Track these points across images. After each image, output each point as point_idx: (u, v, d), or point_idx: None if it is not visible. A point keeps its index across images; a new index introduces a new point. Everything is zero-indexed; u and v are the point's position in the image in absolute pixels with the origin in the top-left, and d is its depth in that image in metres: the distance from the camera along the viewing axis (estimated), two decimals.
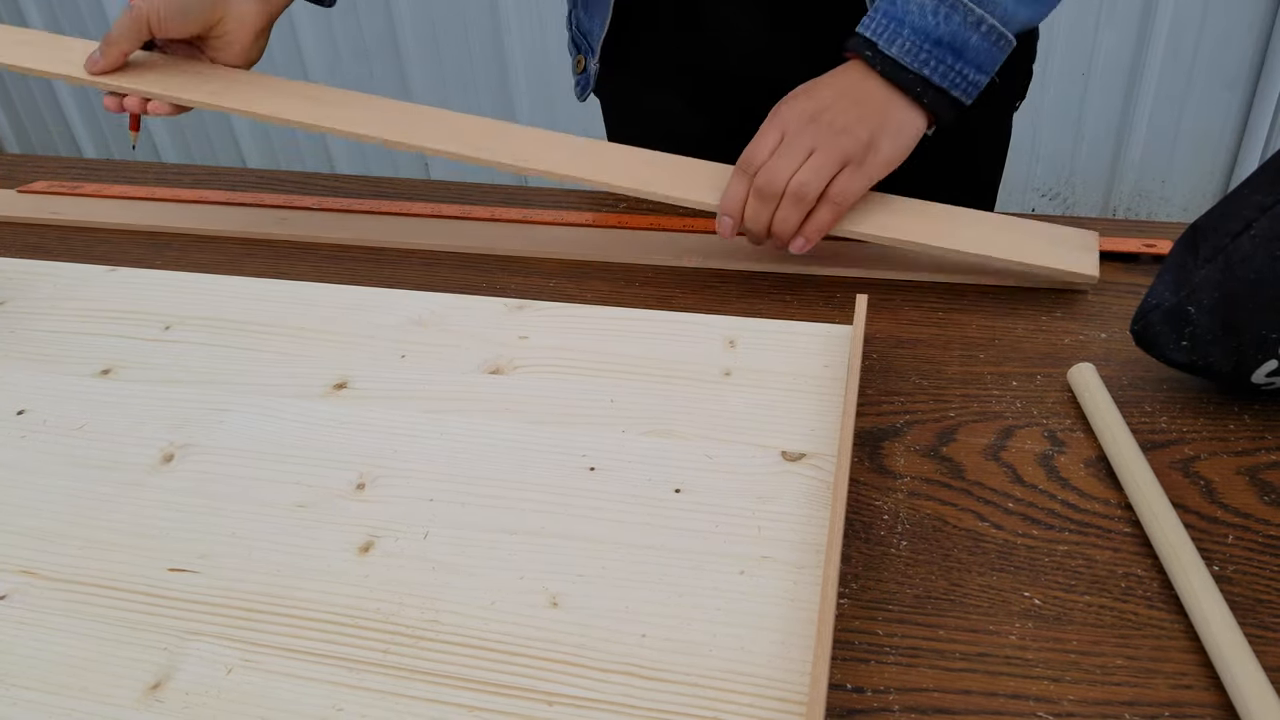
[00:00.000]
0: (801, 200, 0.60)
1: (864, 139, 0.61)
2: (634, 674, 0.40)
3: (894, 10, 0.62)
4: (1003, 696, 0.40)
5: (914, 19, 0.61)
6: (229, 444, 0.53)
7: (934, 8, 0.61)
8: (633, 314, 0.62)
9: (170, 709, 0.40)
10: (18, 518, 0.49)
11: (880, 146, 0.62)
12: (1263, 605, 0.43)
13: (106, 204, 0.82)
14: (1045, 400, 0.55)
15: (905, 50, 0.62)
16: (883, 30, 0.62)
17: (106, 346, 0.62)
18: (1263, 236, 0.48)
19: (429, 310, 0.63)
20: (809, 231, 0.61)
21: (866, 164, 0.61)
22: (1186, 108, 1.83)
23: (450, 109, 0.71)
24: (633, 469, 0.50)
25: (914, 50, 0.62)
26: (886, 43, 0.62)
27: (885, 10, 0.62)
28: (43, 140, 2.54)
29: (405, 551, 0.46)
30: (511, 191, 0.82)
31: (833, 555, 0.42)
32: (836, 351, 0.58)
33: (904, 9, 0.61)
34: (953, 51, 0.62)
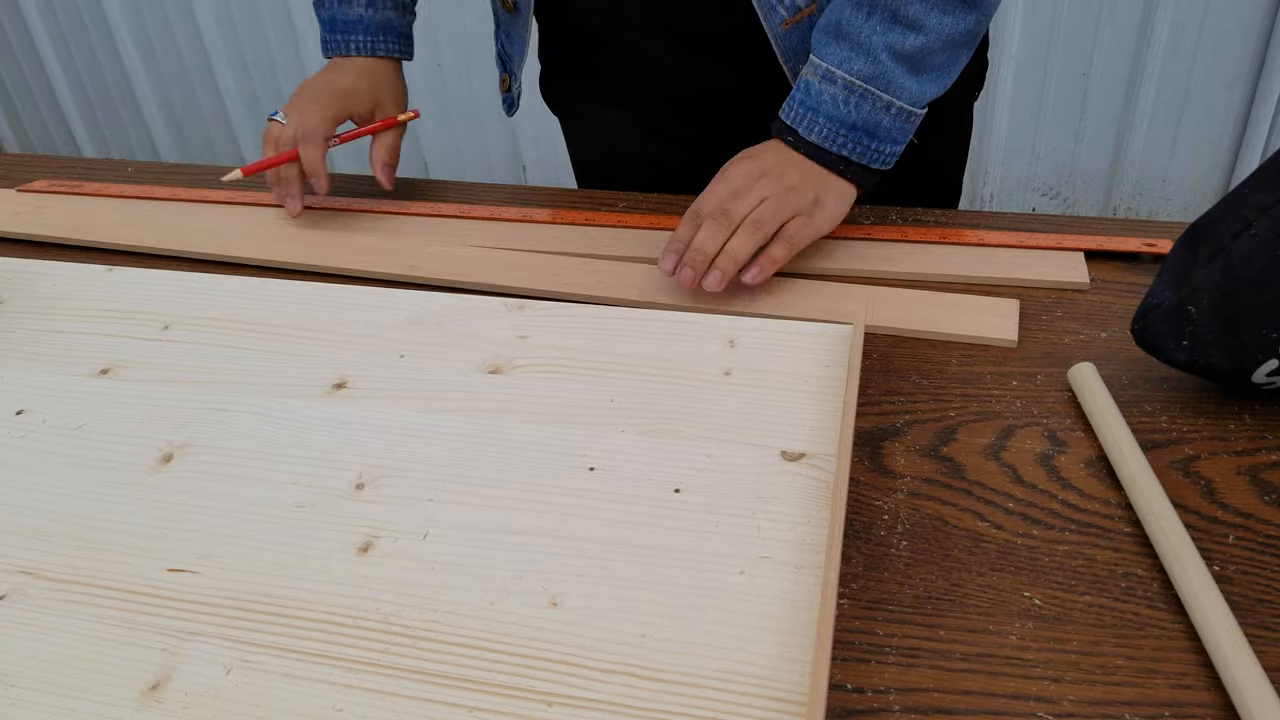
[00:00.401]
0: (758, 229, 0.63)
1: (810, 197, 0.65)
2: (633, 674, 0.40)
3: (809, 100, 0.66)
4: (1003, 697, 0.39)
5: (828, 108, 0.66)
6: (228, 444, 0.53)
7: (844, 98, 0.65)
8: (633, 314, 0.62)
9: (169, 709, 0.40)
10: (17, 518, 0.49)
11: (824, 203, 0.66)
12: (1263, 605, 0.42)
13: (105, 209, 0.82)
14: (1045, 400, 0.55)
15: (823, 136, 0.66)
16: (800, 118, 0.67)
17: (106, 346, 0.62)
18: (1263, 236, 0.48)
19: (429, 310, 0.63)
20: (764, 262, 0.63)
21: (815, 217, 0.65)
22: (1187, 107, 1.83)
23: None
24: (632, 469, 0.50)
25: (831, 136, 0.66)
26: (806, 129, 0.66)
27: (801, 100, 0.67)
28: (42, 140, 2.54)
29: (404, 552, 0.46)
30: (514, 190, 0.82)
31: (833, 555, 0.42)
32: (836, 351, 0.57)
33: (817, 99, 0.66)
34: (867, 133, 0.66)
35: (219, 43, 2.21)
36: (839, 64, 0.65)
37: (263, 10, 2.14)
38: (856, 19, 0.64)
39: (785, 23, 0.71)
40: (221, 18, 2.18)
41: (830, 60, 0.65)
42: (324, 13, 0.81)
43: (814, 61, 0.66)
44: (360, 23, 0.80)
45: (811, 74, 0.66)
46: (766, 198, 0.64)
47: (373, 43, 0.81)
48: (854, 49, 0.65)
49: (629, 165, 0.89)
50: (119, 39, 2.26)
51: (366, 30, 0.80)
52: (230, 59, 2.24)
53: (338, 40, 0.81)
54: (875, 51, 0.64)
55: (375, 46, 0.81)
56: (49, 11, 2.29)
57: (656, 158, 0.87)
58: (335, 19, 0.80)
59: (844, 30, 0.65)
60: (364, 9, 0.80)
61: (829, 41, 0.66)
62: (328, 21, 0.81)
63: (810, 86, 0.66)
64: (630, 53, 0.81)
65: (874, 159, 0.67)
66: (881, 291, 0.64)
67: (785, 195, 0.64)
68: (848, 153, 0.66)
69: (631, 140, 0.87)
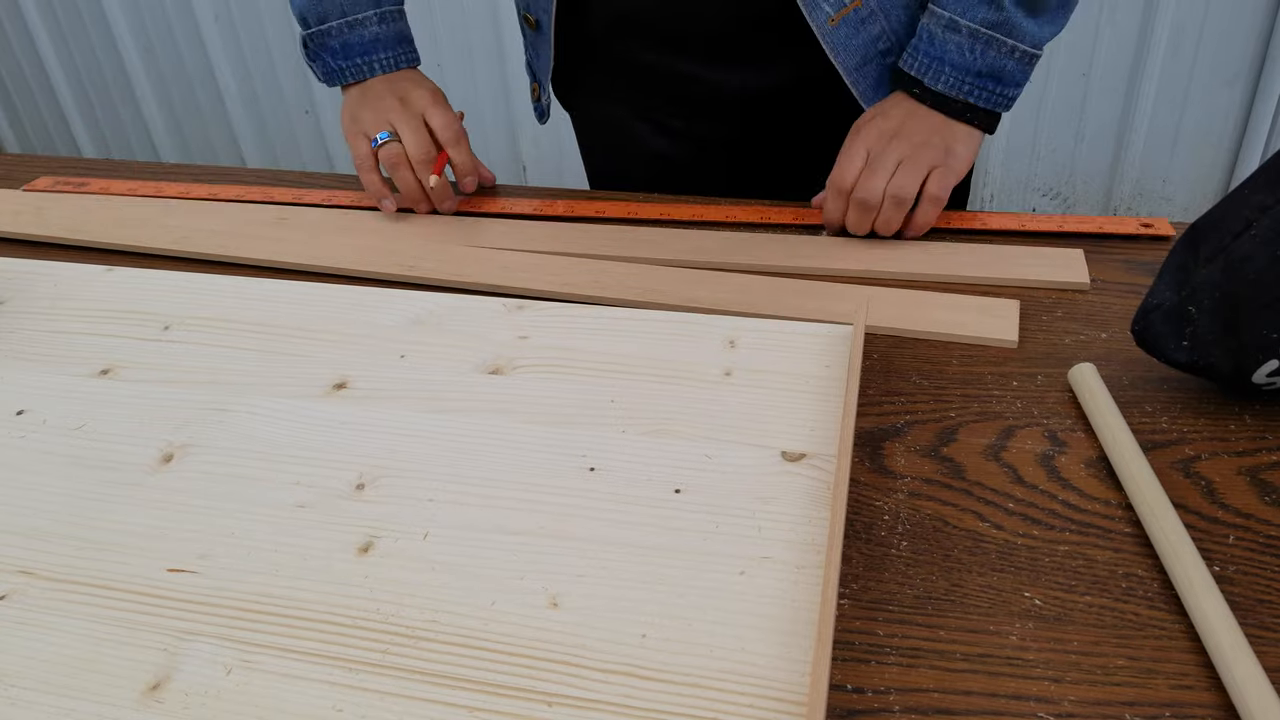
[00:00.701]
0: (902, 203, 0.68)
1: (941, 147, 0.69)
2: (634, 674, 0.40)
3: (933, 50, 0.69)
4: (1003, 697, 0.39)
5: (953, 56, 0.68)
6: (228, 444, 0.53)
7: (969, 45, 0.68)
8: (633, 314, 0.62)
9: (170, 709, 0.40)
10: (17, 518, 0.49)
11: (956, 151, 0.69)
12: (1263, 605, 0.42)
13: (106, 209, 0.82)
14: (1046, 400, 0.55)
15: (949, 85, 0.69)
16: (926, 69, 0.69)
17: (106, 346, 0.62)
18: (1263, 237, 0.48)
19: (429, 310, 0.63)
20: (918, 227, 0.69)
21: (949, 165, 0.69)
22: (1187, 107, 1.83)
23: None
24: (633, 469, 0.50)
25: (957, 83, 0.69)
26: (932, 79, 0.69)
27: (925, 50, 0.69)
28: (42, 140, 2.54)
29: (405, 552, 0.46)
30: (511, 192, 0.82)
31: (833, 555, 0.42)
32: (837, 351, 0.57)
33: (942, 48, 0.68)
34: (992, 79, 0.69)
35: (219, 43, 2.21)
36: (961, 12, 0.67)
37: (263, 10, 2.14)
38: None
39: (831, 19, 0.71)
40: (221, 17, 2.18)
41: (952, 9, 0.67)
42: (332, 42, 0.77)
43: (935, 11, 0.68)
44: (379, 41, 0.78)
45: (934, 24, 0.68)
46: (902, 160, 0.67)
47: (395, 57, 0.79)
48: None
49: (642, 164, 0.88)
50: (119, 38, 2.26)
51: (387, 46, 0.78)
52: (230, 59, 2.24)
53: (356, 65, 0.78)
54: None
55: (399, 60, 0.79)
56: (49, 11, 2.29)
57: (670, 156, 0.87)
58: (350, 44, 0.77)
59: None
60: (377, 26, 0.78)
61: None
62: (339, 49, 0.77)
63: (933, 36, 0.68)
64: (648, 56, 0.81)
65: (998, 103, 0.69)
66: (881, 292, 0.64)
67: (918, 153, 0.68)
68: (974, 99, 0.69)
69: (645, 140, 0.87)
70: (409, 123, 0.75)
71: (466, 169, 0.77)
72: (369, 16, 0.77)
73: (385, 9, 0.78)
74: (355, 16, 0.77)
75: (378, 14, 0.78)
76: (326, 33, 0.77)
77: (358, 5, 0.77)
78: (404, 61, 0.80)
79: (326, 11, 0.77)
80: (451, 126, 0.76)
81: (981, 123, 0.70)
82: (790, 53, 0.76)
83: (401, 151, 0.75)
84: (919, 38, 0.69)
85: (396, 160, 0.75)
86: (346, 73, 0.78)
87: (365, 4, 0.77)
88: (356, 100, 0.78)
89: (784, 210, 0.75)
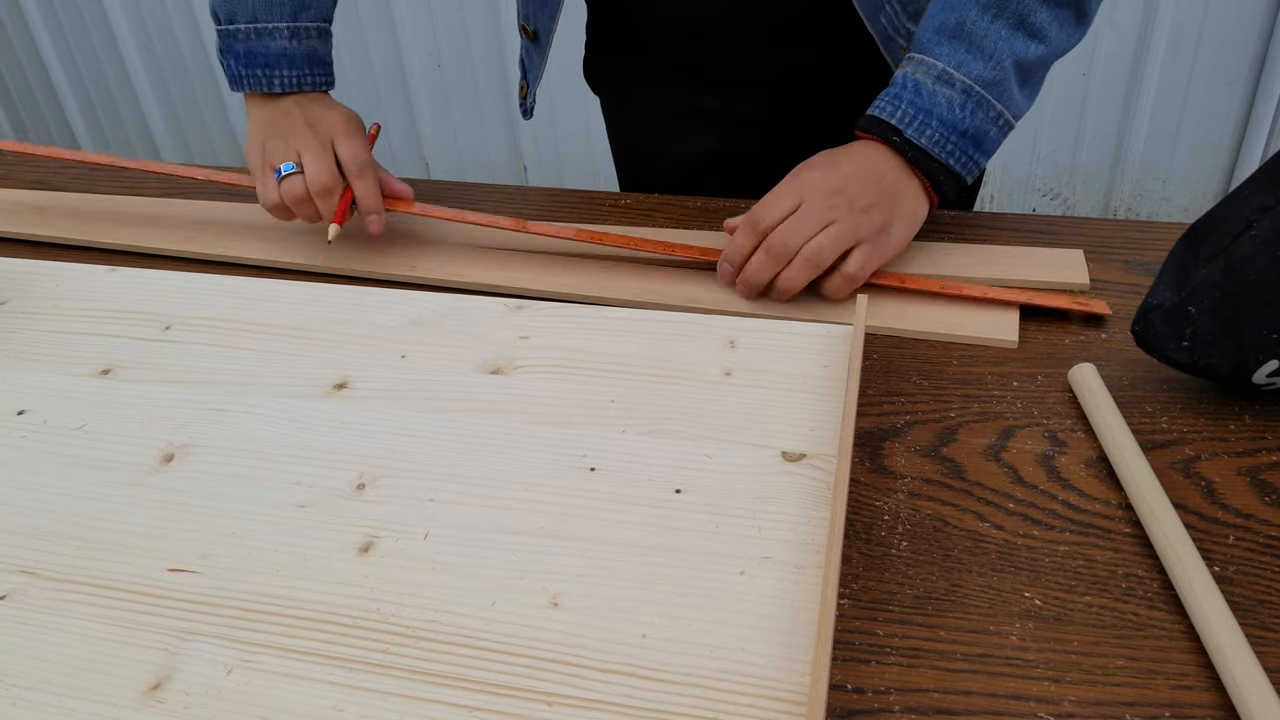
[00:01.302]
0: (815, 266, 0.61)
1: (879, 222, 0.62)
2: (634, 674, 0.40)
3: (920, 101, 0.63)
4: (1003, 697, 0.40)
5: (942, 111, 0.63)
6: (229, 444, 0.53)
7: (961, 102, 0.63)
8: (633, 314, 0.62)
9: (170, 709, 0.40)
10: (18, 518, 0.49)
11: (893, 231, 0.63)
12: (1263, 606, 0.42)
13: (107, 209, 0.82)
14: (1046, 400, 0.55)
15: (934, 141, 0.63)
16: (911, 120, 0.63)
17: (107, 346, 0.62)
18: (1263, 237, 0.48)
19: (429, 310, 0.63)
20: (784, 291, 0.63)
21: (880, 245, 0.63)
22: (1187, 108, 1.83)
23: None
24: (633, 469, 0.50)
25: (942, 141, 0.63)
26: (916, 132, 0.63)
27: (911, 100, 0.63)
28: (43, 139, 2.54)
29: (405, 552, 0.46)
30: (511, 192, 0.82)
31: (833, 555, 0.42)
32: (837, 351, 0.57)
33: (930, 101, 0.63)
34: (974, 143, 0.64)
35: None
36: (957, 65, 0.62)
37: None
38: (982, 20, 0.62)
39: None
40: None
41: (947, 60, 0.63)
42: (237, 45, 0.72)
43: (925, 60, 0.63)
44: (285, 57, 0.72)
45: (922, 73, 0.63)
46: (832, 223, 0.61)
47: (299, 77, 0.73)
48: (974, 51, 0.62)
49: (678, 145, 0.87)
50: (119, 38, 2.26)
51: (292, 64, 0.72)
52: None
53: (256, 76, 0.72)
54: (999, 57, 0.62)
55: (303, 81, 0.73)
56: (50, 11, 2.29)
57: (706, 138, 0.86)
58: (253, 53, 0.72)
59: (966, 30, 0.62)
60: (287, 40, 0.72)
61: (944, 41, 0.63)
62: (242, 55, 0.72)
63: (920, 86, 0.63)
64: (692, 38, 0.79)
65: (969, 170, 0.65)
66: (882, 292, 0.64)
67: (853, 220, 0.62)
68: (953, 161, 0.64)
69: (682, 121, 0.86)
70: (312, 150, 0.69)
71: (369, 206, 0.70)
72: (280, 28, 0.72)
73: (301, 24, 0.72)
74: (265, 25, 0.72)
75: (290, 28, 0.72)
76: (233, 34, 0.72)
77: (270, 13, 0.72)
78: (309, 84, 0.73)
79: (235, 12, 0.72)
80: (358, 158, 0.70)
81: (944, 190, 0.65)
82: (829, 29, 0.75)
83: (304, 186, 0.69)
84: (902, 85, 0.64)
85: (298, 196, 0.69)
86: (245, 81, 0.73)
87: (279, 14, 0.72)
88: (265, 124, 0.72)
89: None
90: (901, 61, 0.66)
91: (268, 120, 0.72)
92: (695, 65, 0.82)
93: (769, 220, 0.62)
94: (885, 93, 0.65)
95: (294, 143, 0.70)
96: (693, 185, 0.86)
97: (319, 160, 0.69)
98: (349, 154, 0.70)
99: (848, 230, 0.61)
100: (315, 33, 0.74)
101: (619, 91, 0.91)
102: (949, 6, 0.64)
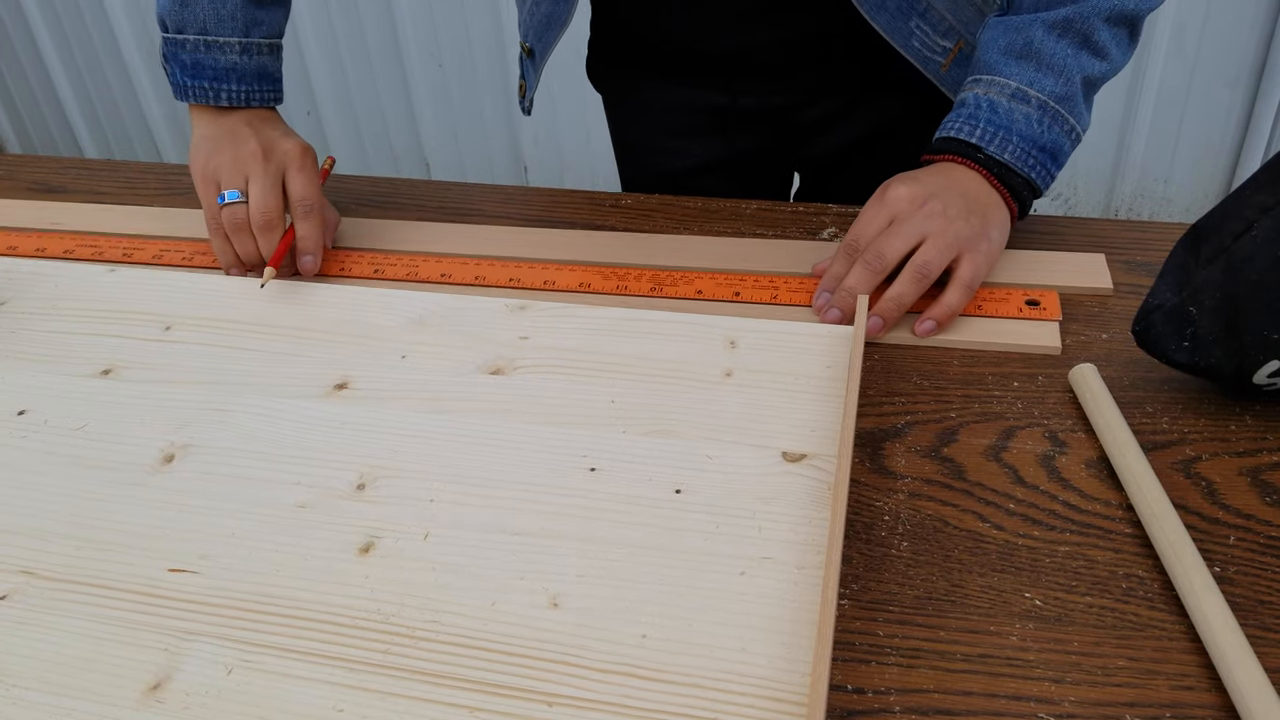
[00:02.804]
0: (924, 278, 0.59)
1: (978, 229, 0.61)
2: (634, 675, 0.40)
3: (997, 119, 0.64)
4: (1004, 698, 0.39)
5: (1020, 127, 0.64)
6: (229, 444, 0.53)
7: (1038, 118, 0.64)
8: (633, 314, 0.62)
9: (170, 709, 0.40)
10: (18, 518, 0.50)
11: (992, 238, 0.62)
12: (1264, 606, 0.42)
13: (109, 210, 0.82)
14: (1046, 401, 0.55)
15: (1016, 156, 0.64)
16: (991, 138, 0.64)
17: (107, 347, 0.62)
18: (1264, 237, 0.48)
19: (429, 310, 0.63)
20: (939, 314, 0.59)
21: (984, 252, 0.61)
22: (1188, 108, 1.83)
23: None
24: (633, 469, 0.50)
25: (1023, 156, 0.64)
26: (998, 149, 0.63)
27: (988, 119, 0.64)
28: (45, 141, 2.54)
29: (405, 552, 0.46)
30: (511, 192, 0.82)
31: (833, 556, 0.42)
32: (837, 352, 0.57)
33: (1008, 118, 0.64)
34: (1050, 156, 0.65)
35: None
36: (1030, 83, 0.64)
37: None
38: (1049, 41, 0.64)
39: (943, 65, 0.72)
40: None
41: (1020, 79, 0.64)
42: (184, 55, 0.70)
43: (997, 80, 0.65)
44: (234, 72, 0.70)
45: (996, 92, 0.64)
46: (929, 235, 0.60)
47: (248, 93, 0.71)
48: (1045, 69, 0.64)
49: (684, 143, 0.88)
50: (120, 38, 2.26)
51: (241, 79, 0.71)
52: None
53: (203, 88, 0.70)
54: (1069, 73, 0.64)
55: (251, 97, 0.71)
56: (50, 11, 2.29)
57: (712, 136, 0.86)
58: (201, 64, 0.70)
59: (1034, 50, 0.64)
60: (238, 55, 0.70)
61: (1013, 61, 0.65)
62: (189, 66, 0.70)
63: (997, 105, 0.64)
64: (700, 41, 0.80)
65: (1046, 182, 0.65)
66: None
67: (950, 228, 0.60)
68: (1033, 174, 0.64)
69: (687, 119, 0.86)
70: (262, 181, 0.67)
71: (308, 246, 0.67)
72: (230, 43, 0.70)
73: (253, 40, 0.71)
74: (215, 38, 0.70)
75: (241, 43, 0.71)
76: (180, 44, 0.70)
77: (221, 26, 0.70)
78: (257, 99, 0.72)
79: (185, 22, 0.70)
80: (308, 199, 0.68)
81: (1023, 201, 0.65)
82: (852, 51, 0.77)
83: (246, 216, 0.67)
84: (975, 106, 0.64)
85: (238, 225, 0.67)
86: (190, 92, 0.71)
87: (230, 28, 0.70)
88: (212, 140, 0.70)
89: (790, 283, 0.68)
90: (965, 85, 0.67)
91: (215, 135, 0.70)
92: (699, 69, 0.82)
93: (864, 238, 0.61)
94: (956, 115, 0.66)
95: (243, 168, 0.68)
96: (695, 185, 0.86)
97: (268, 195, 0.67)
98: (299, 194, 0.68)
99: (949, 239, 0.60)
100: (267, 49, 0.73)
101: (621, 90, 0.91)
102: (1012, 29, 0.65)
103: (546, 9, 0.80)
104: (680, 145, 0.88)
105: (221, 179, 0.68)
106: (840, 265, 0.62)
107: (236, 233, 0.67)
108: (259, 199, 0.67)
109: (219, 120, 0.71)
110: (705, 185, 0.87)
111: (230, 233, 0.67)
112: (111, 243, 0.75)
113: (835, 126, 0.85)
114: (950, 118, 0.66)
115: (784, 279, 0.66)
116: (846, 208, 0.75)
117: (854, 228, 0.62)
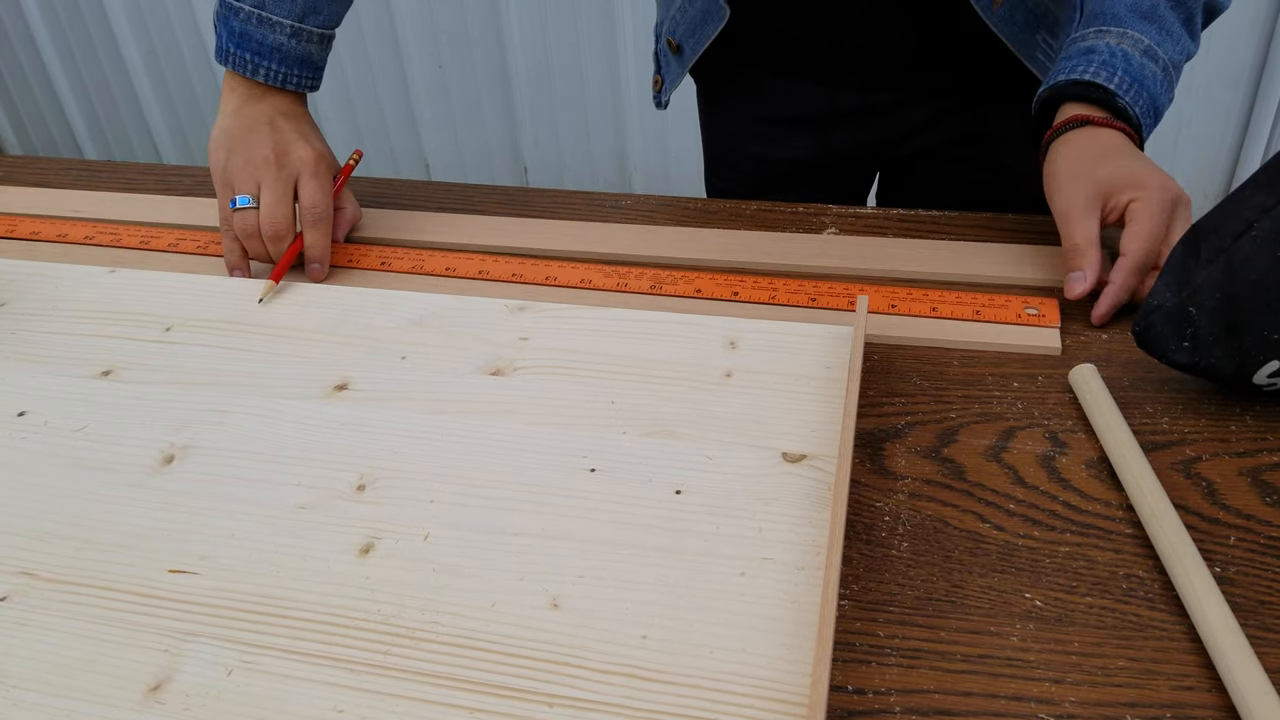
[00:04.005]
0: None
1: (1174, 188, 0.60)
2: (634, 675, 0.40)
3: (1132, 71, 0.63)
4: (1004, 698, 0.39)
5: (1150, 85, 0.63)
6: (229, 445, 0.53)
7: (1161, 79, 0.64)
8: (633, 315, 0.62)
9: (170, 710, 0.40)
10: (18, 519, 0.50)
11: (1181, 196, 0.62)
12: (1264, 606, 0.42)
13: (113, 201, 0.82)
14: (1046, 401, 0.55)
15: (1144, 111, 0.63)
16: (1128, 88, 0.63)
17: (107, 348, 0.62)
18: (1264, 238, 0.48)
19: (429, 311, 0.63)
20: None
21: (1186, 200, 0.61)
22: (1188, 108, 1.83)
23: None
24: (633, 470, 0.50)
25: (1146, 114, 0.64)
26: (1133, 99, 0.63)
27: (1124, 69, 0.63)
28: (44, 142, 2.55)
29: (405, 553, 0.46)
30: (511, 193, 0.82)
31: (833, 556, 0.42)
32: (837, 352, 0.57)
33: (1140, 72, 0.63)
34: (1154, 120, 0.65)
35: None
36: (1159, 42, 0.63)
37: None
38: (1167, 9, 0.64)
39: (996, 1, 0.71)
40: None
41: (1150, 36, 0.63)
42: (235, 23, 0.70)
43: (1130, 34, 0.63)
44: (279, 51, 0.71)
45: (1129, 45, 0.63)
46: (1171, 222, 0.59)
47: (285, 75, 0.72)
48: (1166, 35, 0.64)
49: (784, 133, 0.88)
50: (121, 40, 2.26)
51: (284, 61, 0.71)
52: None
53: (244, 58, 0.71)
54: (1183, 44, 0.65)
55: (288, 79, 0.72)
56: (50, 12, 2.29)
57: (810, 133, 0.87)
58: (248, 36, 0.70)
59: (1159, 15, 0.64)
60: (286, 37, 0.71)
61: (1140, 20, 0.64)
62: (238, 34, 0.70)
63: (1130, 57, 0.62)
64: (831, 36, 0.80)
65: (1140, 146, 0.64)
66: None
67: (1186, 214, 0.60)
68: (1147, 135, 0.64)
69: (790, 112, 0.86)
70: (274, 188, 0.68)
71: (315, 255, 0.68)
72: (282, 24, 0.71)
73: (307, 27, 0.71)
74: (269, 15, 0.70)
75: (294, 27, 0.71)
76: (235, 11, 0.70)
77: (279, 5, 0.70)
78: (294, 84, 0.72)
79: None
80: (318, 207, 0.68)
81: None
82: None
83: (257, 223, 0.68)
84: (1110, 54, 0.62)
85: (249, 232, 0.68)
86: (231, 58, 0.71)
87: (287, 10, 0.70)
88: (231, 138, 0.70)
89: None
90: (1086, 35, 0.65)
91: (235, 131, 0.71)
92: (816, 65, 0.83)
93: (1155, 253, 0.59)
94: (1086, 60, 0.63)
95: (256, 174, 0.68)
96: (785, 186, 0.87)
97: (278, 204, 0.68)
98: (309, 201, 0.68)
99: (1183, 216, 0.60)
100: (318, 38, 0.73)
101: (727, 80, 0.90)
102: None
103: (701, 5, 0.79)
104: (781, 135, 0.88)
105: (235, 183, 0.69)
106: (1134, 280, 0.59)
107: (247, 236, 0.69)
108: (269, 209, 0.68)
109: (244, 109, 0.71)
110: (794, 184, 0.87)
111: (241, 235, 0.69)
112: (130, 230, 0.77)
113: (930, 127, 0.85)
114: (1077, 61, 0.64)
115: (783, 280, 0.66)
116: (846, 208, 0.75)
117: (1145, 245, 0.58)
